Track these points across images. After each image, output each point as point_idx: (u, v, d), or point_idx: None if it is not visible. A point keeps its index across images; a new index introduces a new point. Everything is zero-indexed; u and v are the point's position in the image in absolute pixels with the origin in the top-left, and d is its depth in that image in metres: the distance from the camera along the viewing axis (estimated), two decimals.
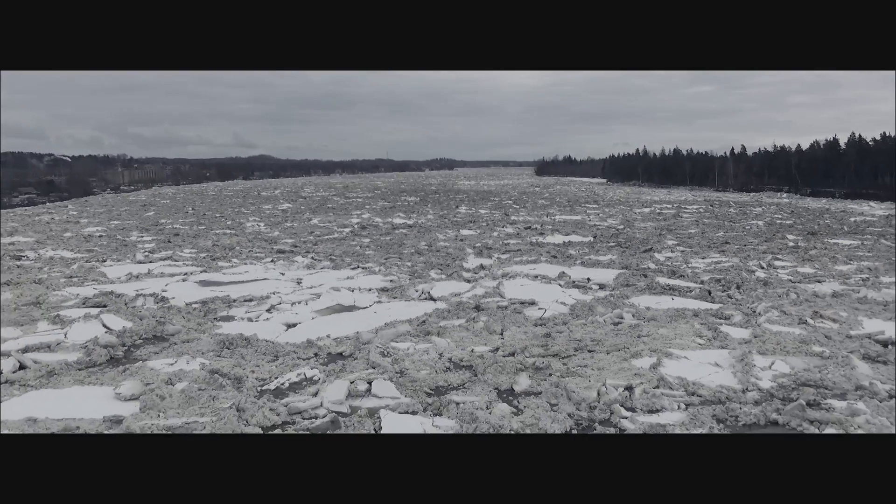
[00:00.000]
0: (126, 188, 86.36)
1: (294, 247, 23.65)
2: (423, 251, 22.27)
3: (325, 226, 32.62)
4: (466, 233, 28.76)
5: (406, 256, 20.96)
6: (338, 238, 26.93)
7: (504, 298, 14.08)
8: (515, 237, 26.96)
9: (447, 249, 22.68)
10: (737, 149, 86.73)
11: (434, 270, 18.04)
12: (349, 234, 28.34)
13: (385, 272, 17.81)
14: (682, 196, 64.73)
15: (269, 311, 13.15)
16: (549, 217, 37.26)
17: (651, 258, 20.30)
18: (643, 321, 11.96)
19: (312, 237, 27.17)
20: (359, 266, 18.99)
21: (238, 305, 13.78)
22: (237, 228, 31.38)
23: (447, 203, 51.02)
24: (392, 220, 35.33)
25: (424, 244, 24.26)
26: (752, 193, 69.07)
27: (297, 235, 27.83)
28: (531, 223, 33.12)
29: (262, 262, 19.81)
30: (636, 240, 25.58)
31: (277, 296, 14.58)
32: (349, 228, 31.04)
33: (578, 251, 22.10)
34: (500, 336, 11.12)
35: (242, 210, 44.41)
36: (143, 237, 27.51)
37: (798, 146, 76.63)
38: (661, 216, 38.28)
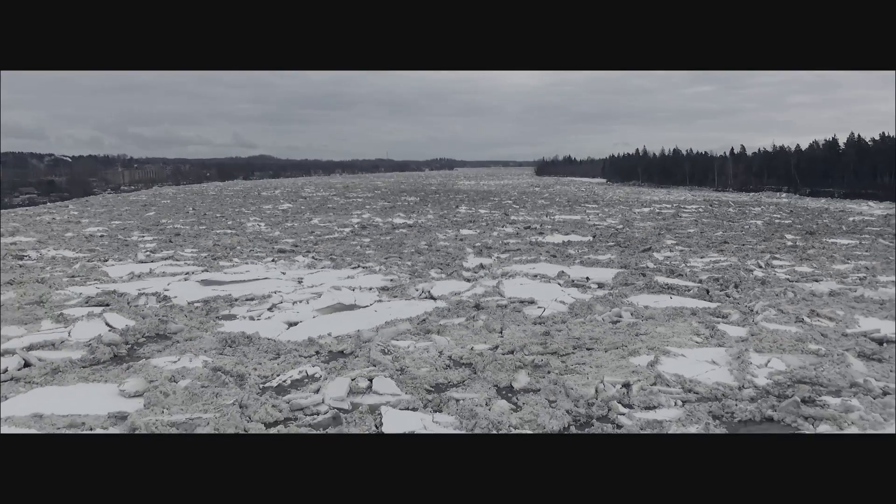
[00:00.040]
0: (126, 188, 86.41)
1: (295, 246, 23.74)
2: (424, 251, 22.37)
3: (326, 225, 32.70)
4: (466, 232, 28.84)
5: (406, 256, 21.06)
6: (338, 238, 27.02)
7: (503, 297, 14.17)
8: (515, 237, 27.04)
9: (447, 249, 22.78)
10: (736, 149, 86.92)
11: (434, 270, 18.14)
12: (349, 234, 28.43)
13: (385, 271, 17.91)
14: (682, 196, 64.79)
15: (271, 310, 13.24)
16: (549, 217, 37.33)
17: (650, 257, 20.39)
18: (641, 320, 12.06)
19: (313, 237, 27.25)
20: (359, 265, 19.09)
21: (239, 304, 13.87)
22: (238, 228, 31.45)
23: (447, 203, 51.10)
24: (392, 220, 35.41)
25: (424, 244, 24.35)
26: (752, 193, 69.14)
27: (298, 235, 27.91)
28: (531, 223, 33.21)
29: (263, 262, 19.90)
30: (635, 239, 25.67)
31: (279, 295, 14.67)
32: (349, 228, 31.12)
33: (577, 251, 22.20)
34: (500, 334, 11.21)
35: (243, 210, 44.49)
36: (145, 237, 27.59)
37: (797, 146, 76.82)
38: (661, 216, 38.37)
